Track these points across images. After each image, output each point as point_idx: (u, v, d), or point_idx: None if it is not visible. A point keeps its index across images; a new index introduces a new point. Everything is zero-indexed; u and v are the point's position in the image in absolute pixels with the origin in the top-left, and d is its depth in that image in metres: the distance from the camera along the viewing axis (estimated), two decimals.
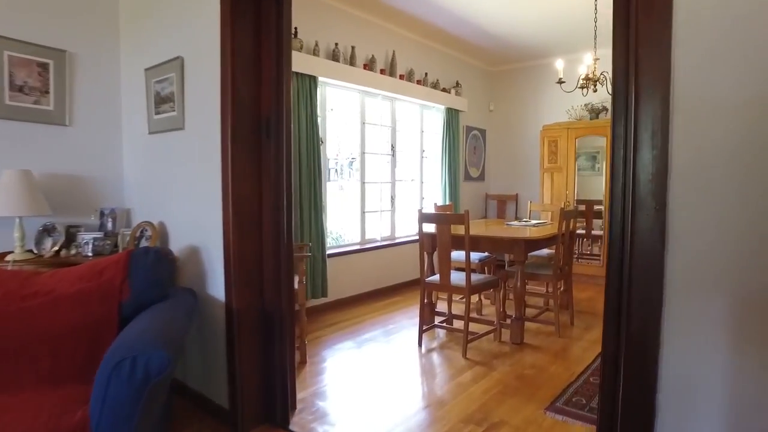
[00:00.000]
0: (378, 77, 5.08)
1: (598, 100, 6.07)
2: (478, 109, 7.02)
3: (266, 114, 2.36)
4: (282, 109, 2.35)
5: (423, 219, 3.53)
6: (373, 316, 4.48)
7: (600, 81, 4.06)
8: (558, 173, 6.09)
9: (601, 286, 5.92)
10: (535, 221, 4.60)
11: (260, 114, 2.37)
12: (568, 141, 5.99)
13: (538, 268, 4.00)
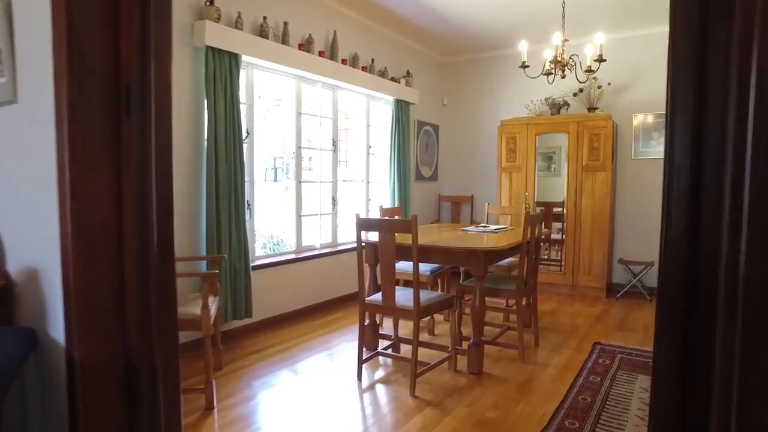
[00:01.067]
0: (316, 60, 4.39)
1: (558, 94, 5.62)
2: (431, 103, 6.45)
3: (127, 80, 1.64)
4: (149, 74, 1.64)
5: (362, 225, 2.89)
6: (308, 339, 3.80)
7: (569, 66, 3.54)
8: (517, 173, 5.60)
9: (563, 296, 5.56)
10: (494, 226, 4.05)
11: (118, 79, 1.65)
12: (527, 138, 5.50)
13: (499, 281, 3.43)
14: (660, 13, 4.82)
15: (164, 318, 1.79)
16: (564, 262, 5.39)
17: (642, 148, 5.42)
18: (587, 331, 4.03)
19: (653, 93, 5.35)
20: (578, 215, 5.26)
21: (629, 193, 5.51)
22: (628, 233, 5.54)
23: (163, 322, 1.78)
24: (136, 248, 1.69)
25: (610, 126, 5.06)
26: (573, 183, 5.28)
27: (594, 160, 5.15)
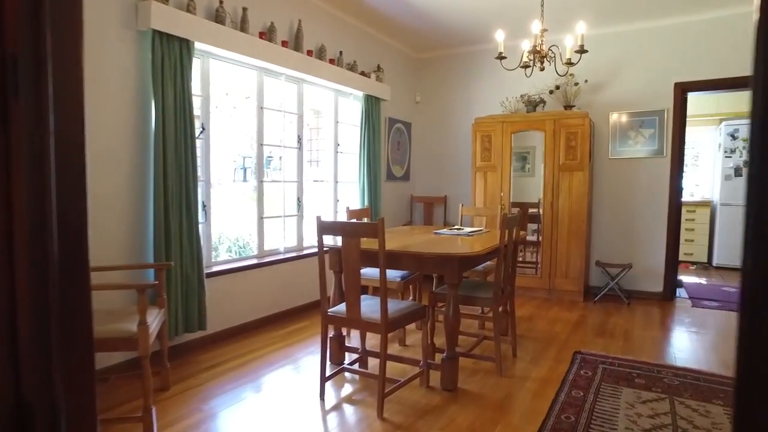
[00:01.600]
0: (279, 51, 4.08)
1: (534, 91, 5.43)
2: (403, 100, 6.20)
3: (12, 48, 1.32)
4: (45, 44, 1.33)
5: (324, 229, 2.59)
6: (269, 352, 3.48)
7: (548, 57, 3.32)
8: (492, 172, 5.38)
9: (540, 300, 5.38)
10: (469, 229, 3.81)
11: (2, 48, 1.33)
12: (503, 136, 5.29)
13: (474, 288, 3.18)
14: (637, 10, 4.68)
15: (73, 343, 1.47)
16: (540, 265, 5.19)
17: (619, 148, 5.27)
18: (566, 338, 3.82)
19: (630, 91, 5.20)
20: (555, 216, 5.08)
21: (606, 193, 5.36)
22: (605, 235, 5.39)
23: (72, 348, 1.46)
24: (28, 259, 1.36)
25: (587, 124, 4.88)
26: (550, 183, 5.09)
27: (571, 159, 4.97)
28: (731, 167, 7.00)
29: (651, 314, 4.61)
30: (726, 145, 7.04)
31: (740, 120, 7.00)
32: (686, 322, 4.38)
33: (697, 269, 6.99)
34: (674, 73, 5.00)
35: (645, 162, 5.17)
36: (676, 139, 5.02)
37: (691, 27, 4.92)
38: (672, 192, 5.07)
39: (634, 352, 3.53)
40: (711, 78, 4.86)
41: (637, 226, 5.24)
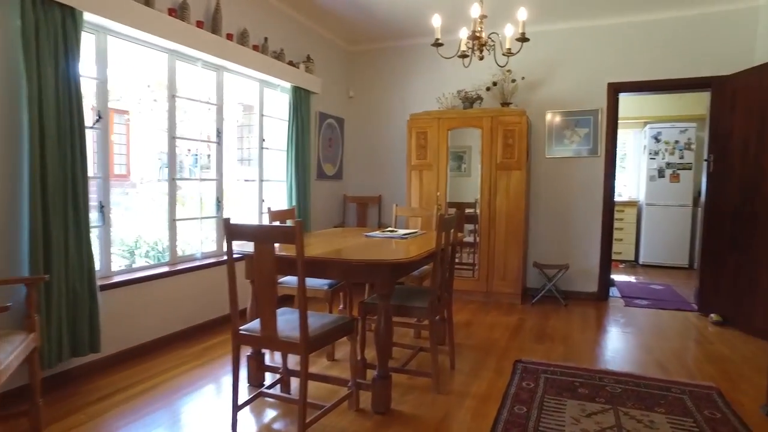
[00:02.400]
0: (193, 31, 3.61)
1: (471, 87, 5.26)
2: (336, 94, 5.84)
3: None
4: None
5: (233, 233, 2.20)
6: (178, 374, 3.02)
7: (487, 46, 3.09)
8: (428, 171, 5.15)
9: (477, 304, 5.19)
10: (403, 231, 3.52)
11: None
12: (439, 133, 5.07)
13: (409, 296, 2.89)
14: (574, 8, 4.60)
15: None
16: (478, 267, 5.01)
17: (555, 147, 5.20)
18: (506, 345, 3.62)
19: (565, 90, 5.14)
20: (492, 217, 4.92)
21: (543, 193, 5.27)
22: (542, 235, 5.30)
23: None
24: None
25: (524, 122, 4.75)
26: (487, 182, 4.92)
27: (508, 157, 4.83)
28: (655, 168, 7.20)
29: (588, 315, 4.54)
30: (650, 147, 7.23)
31: (663, 123, 7.22)
32: (621, 322, 4.33)
33: (626, 268, 7.13)
34: (608, 73, 4.99)
35: (580, 161, 5.13)
36: (609, 139, 5.00)
37: (624, 28, 4.92)
38: (606, 192, 5.05)
39: (574, 357, 3.38)
40: (641, 79, 4.88)
41: (574, 226, 5.19)
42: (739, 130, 4.16)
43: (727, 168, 4.28)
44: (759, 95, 3.99)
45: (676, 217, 7.07)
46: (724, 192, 4.30)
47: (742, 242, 4.10)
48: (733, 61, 4.55)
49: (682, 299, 5.15)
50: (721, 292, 4.33)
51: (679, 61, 4.74)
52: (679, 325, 4.25)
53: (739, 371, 3.19)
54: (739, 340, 3.85)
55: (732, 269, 4.20)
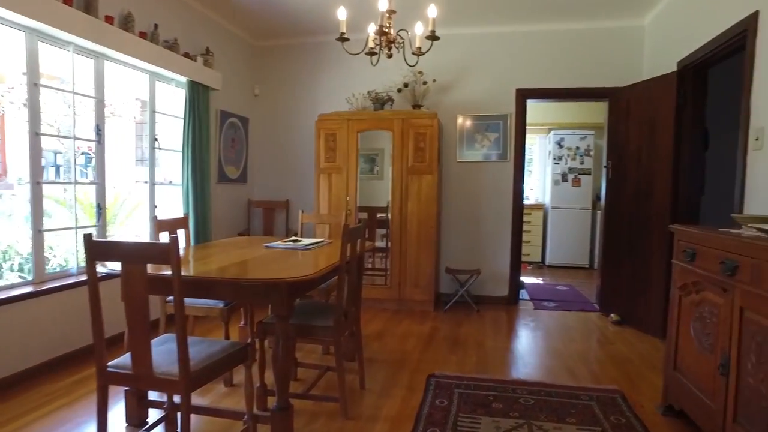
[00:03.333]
0: (57, 8, 3.08)
1: (382, 89, 5.10)
2: (239, 92, 5.43)
3: None
4: None
5: (96, 252, 1.82)
6: (36, 418, 2.53)
7: (396, 43, 2.90)
8: (337, 175, 4.91)
9: (389, 312, 5.03)
10: (308, 240, 3.25)
11: None
12: (348, 135, 4.85)
13: (312, 314, 2.63)
14: (484, 13, 4.59)
15: None
16: (389, 274, 4.86)
17: (466, 151, 5.18)
18: (419, 357, 3.48)
19: (476, 94, 5.14)
20: (404, 222, 4.78)
21: (455, 197, 5.23)
22: (454, 240, 5.26)
23: None
24: None
25: (436, 125, 4.67)
26: (398, 186, 4.78)
27: (420, 161, 4.72)
28: (559, 173, 7.50)
29: (499, 321, 4.53)
30: (555, 153, 7.53)
31: (565, 130, 7.54)
32: (531, 326, 4.37)
33: (534, 269, 7.36)
34: (516, 79, 5.04)
35: (491, 166, 5.15)
36: (518, 144, 5.06)
37: (531, 36, 5.00)
38: (515, 196, 5.10)
39: (488, 367, 3.30)
40: (547, 87, 4.98)
41: (485, 230, 5.19)
42: (634, 140, 4.35)
43: (623, 175, 4.47)
44: (648, 107, 4.19)
45: (577, 219, 7.41)
46: (621, 198, 4.48)
47: (637, 246, 4.28)
48: (626, 74, 4.77)
49: (584, 300, 5.33)
50: (619, 292, 4.51)
51: (580, 71, 4.90)
52: (583, 326, 4.36)
53: (638, 371, 3.27)
54: (636, 339, 4.00)
55: (628, 271, 4.38)
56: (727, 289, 2.05)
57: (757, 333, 1.84)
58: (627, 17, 4.71)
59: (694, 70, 3.86)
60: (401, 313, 4.70)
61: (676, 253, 2.57)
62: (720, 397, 2.07)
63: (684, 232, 2.48)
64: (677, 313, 2.55)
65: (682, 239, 2.51)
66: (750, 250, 1.88)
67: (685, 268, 2.45)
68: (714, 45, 3.42)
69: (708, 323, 2.23)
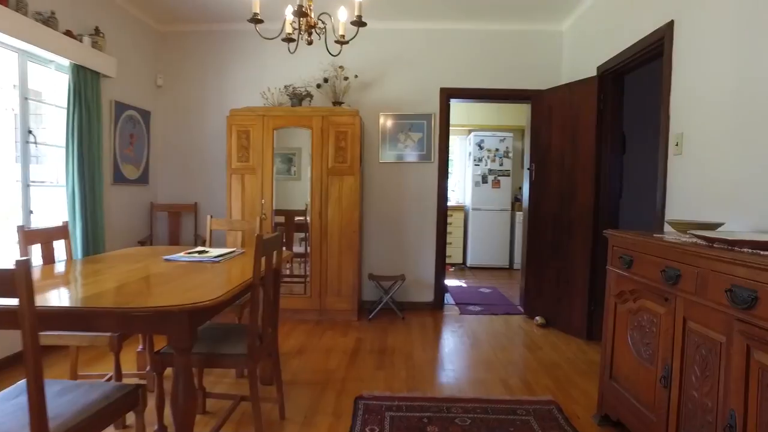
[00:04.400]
0: None
1: (300, 83, 4.75)
2: (139, 81, 4.83)
3: None
4: None
5: None
6: None
7: (317, 29, 2.59)
8: (251, 175, 4.49)
9: (310, 324, 4.73)
10: (218, 251, 2.85)
11: None
12: (263, 132, 4.45)
13: (221, 340, 2.25)
14: (408, 7, 4.39)
15: None
16: (310, 283, 4.52)
17: (389, 151, 4.96)
18: (344, 375, 3.19)
19: (400, 92, 4.94)
20: (324, 226, 4.47)
21: (378, 200, 5.00)
22: (377, 245, 5.02)
23: None
24: None
25: (357, 123, 4.40)
26: (318, 188, 4.46)
27: (341, 161, 4.43)
28: (479, 174, 7.54)
29: (426, 328, 4.36)
30: (475, 154, 7.56)
31: (485, 132, 7.60)
32: (459, 333, 4.23)
33: (456, 271, 7.33)
34: (440, 78, 4.91)
35: (414, 167, 4.97)
36: (442, 144, 4.93)
37: (455, 35, 4.88)
38: (439, 198, 4.97)
39: (419, 383, 3.08)
40: (472, 87, 4.90)
41: (408, 234, 5.01)
42: (556, 143, 4.35)
43: (546, 177, 4.47)
44: (569, 112, 4.21)
45: (497, 221, 7.49)
46: (545, 200, 4.48)
47: (560, 248, 4.29)
48: (547, 77, 4.81)
49: (509, 302, 5.32)
50: (543, 294, 4.51)
51: (503, 73, 4.87)
52: (511, 331, 4.30)
53: (568, 377, 3.21)
54: (562, 342, 3.99)
55: (552, 273, 4.38)
56: (668, 299, 1.96)
57: (701, 345, 1.75)
58: (545, 21, 4.73)
59: (613, 76, 3.91)
60: (323, 325, 4.38)
61: (612, 259, 2.49)
62: (661, 410, 1.99)
63: (620, 238, 2.40)
64: (613, 321, 2.47)
65: (617, 245, 2.43)
66: (694, 260, 1.79)
67: (622, 276, 2.37)
68: (632, 52, 3.45)
69: (647, 333, 2.14)
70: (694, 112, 2.72)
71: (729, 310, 1.58)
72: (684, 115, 2.82)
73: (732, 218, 2.34)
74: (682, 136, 2.81)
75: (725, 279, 1.61)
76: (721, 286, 1.62)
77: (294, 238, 4.84)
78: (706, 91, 2.61)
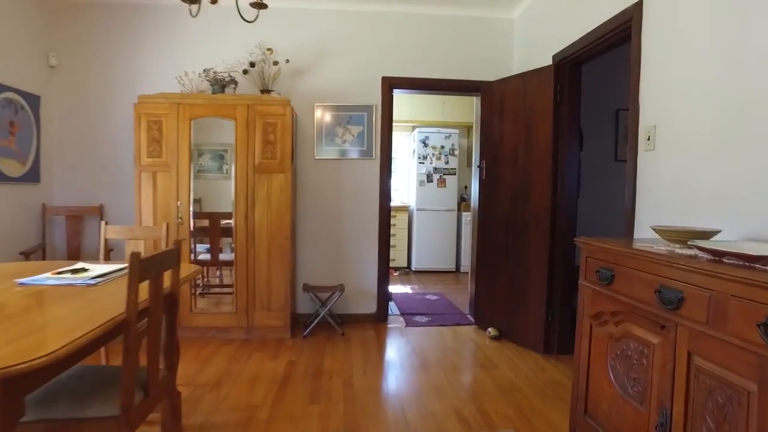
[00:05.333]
0: None
1: (223, 68, 4.14)
2: (24, 60, 4.03)
3: None
4: None
5: None
6: None
7: None
8: (164, 173, 3.84)
9: (236, 344, 3.75)
10: (102, 269, 2.22)
11: None
12: (179, 123, 3.81)
13: (85, 396, 1.66)
14: None
15: None
16: (236, 297, 3.92)
17: (326, 147, 4.44)
18: (270, 415, 2.64)
19: (337, 81, 4.42)
20: (251, 231, 3.89)
21: (313, 201, 4.46)
22: (312, 251, 4.48)
23: None
24: None
25: (289, 114, 3.85)
26: (243, 188, 3.87)
27: (270, 157, 3.86)
28: (424, 173, 7.15)
29: (369, 345, 3.88)
30: (419, 152, 7.16)
31: (430, 128, 7.21)
32: (406, 351, 3.78)
33: (400, 275, 6.90)
34: (383, 66, 4.44)
35: (354, 164, 4.47)
36: (384, 139, 4.46)
37: (398, 18, 4.43)
38: (382, 198, 4.50)
39: (359, 421, 2.59)
40: (417, 77, 4.46)
41: (348, 238, 4.51)
42: (509, 138, 4.00)
43: (498, 175, 4.10)
44: (523, 103, 3.86)
45: (443, 221, 7.13)
46: (497, 199, 4.12)
47: (515, 252, 3.93)
48: (498, 67, 4.46)
49: (458, 311, 4.94)
50: (496, 303, 4.14)
51: (450, 62, 4.47)
52: (462, 346, 3.90)
53: (531, 403, 2.83)
54: (518, 357, 3.63)
55: (506, 280, 4.02)
56: (665, 326, 1.58)
57: (716, 390, 1.37)
58: (494, 8, 4.37)
59: (570, 65, 3.58)
60: (251, 345, 3.80)
61: (586, 272, 2.10)
62: None
63: (597, 247, 2.01)
64: (588, 346, 2.08)
65: (594, 256, 2.04)
66: (705, 281, 1.41)
67: (600, 293, 1.98)
68: (593, 38, 3.12)
69: (635, 365, 1.76)
70: (669, 102, 2.39)
71: (764, 351, 1.20)
72: (657, 106, 2.49)
73: (715, 223, 2.01)
74: (655, 129, 2.48)
75: (758, 309, 1.22)
76: (752, 319, 1.24)
77: (223, 243, 4.22)
78: (683, 78, 2.29)
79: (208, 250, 4.20)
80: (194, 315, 3.92)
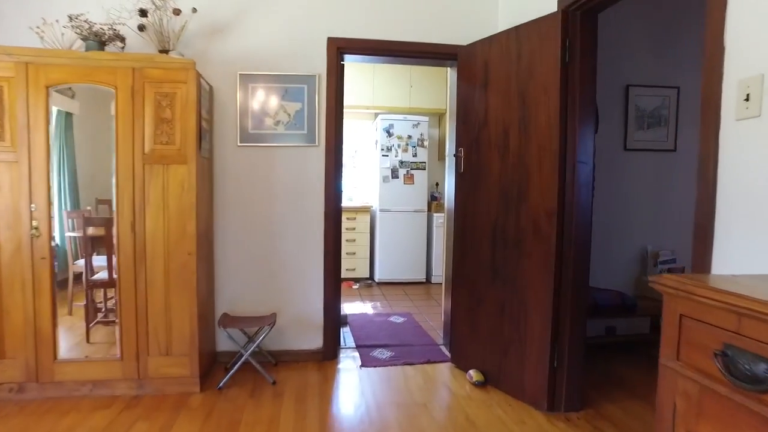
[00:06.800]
0: None
1: (106, 20, 2.99)
2: None
3: None
4: None
5: None
6: None
7: None
8: (10, 164, 2.67)
9: (119, 405, 2.40)
10: None
11: None
12: (30, 92, 2.65)
13: None
14: None
15: None
16: (121, 337, 2.79)
17: (253, 130, 3.33)
18: None
19: (269, 43, 3.33)
20: (141, 247, 2.77)
21: (235, 203, 3.35)
22: (236, 270, 3.37)
23: None
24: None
25: (193, 82, 2.74)
26: (128, 186, 2.75)
27: (165, 142, 2.75)
28: (388, 167, 6.11)
29: (306, 401, 2.81)
30: (383, 142, 6.11)
31: (396, 115, 6.17)
32: (359, 408, 2.73)
33: (361, 288, 5.84)
34: (329, 25, 3.37)
35: (292, 152, 3.38)
36: (332, 120, 3.39)
37: None
38: (329, 195, 3.42)
39: None
40: (375, 38, 3.41)
41: (284, 250, 3.41)
42: (496, 116, 2.98)
43: (482, 167, 3.09)
44: (516, 68, 2.85)
45: (411, 224, 6.11)
46: (479, 201, 3.10)
47: (505, 272, 2.92)
48: (479, 29, 3.45)
49: (429, 340, 3.91)
50: (479, 337, 3.13)
51: (419, 20, 3.44)
52: (436, 397, 2.88)
53: None
54: (513, 417, 2.63)
55: (493, 308, 3.01)
56: None
57: None
58: None
59: (583, 12, 2.59)
60: (140, 406, 2.68)
61: (686, 346, 1.08)
62: None
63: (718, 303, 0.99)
64: None
65: (705, 319, 1.02)
66: None
67: (723, 399, 0.97)
68: None
69: None
70: None
71: None
72: (763, 43, 1.51)
73: None
74: (762, 80, 1.50)
75: None
76: None
77: (90, 263, 3.08)
78: None
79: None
80: (59, 365, 2.77)
